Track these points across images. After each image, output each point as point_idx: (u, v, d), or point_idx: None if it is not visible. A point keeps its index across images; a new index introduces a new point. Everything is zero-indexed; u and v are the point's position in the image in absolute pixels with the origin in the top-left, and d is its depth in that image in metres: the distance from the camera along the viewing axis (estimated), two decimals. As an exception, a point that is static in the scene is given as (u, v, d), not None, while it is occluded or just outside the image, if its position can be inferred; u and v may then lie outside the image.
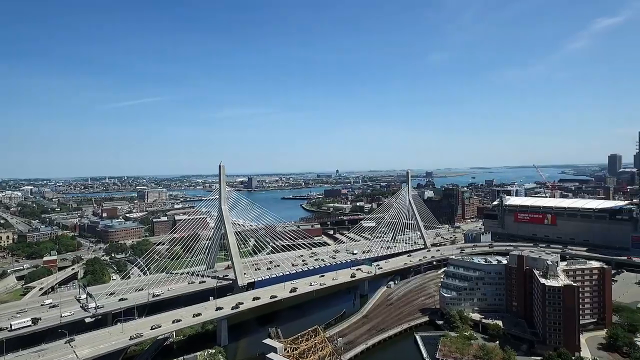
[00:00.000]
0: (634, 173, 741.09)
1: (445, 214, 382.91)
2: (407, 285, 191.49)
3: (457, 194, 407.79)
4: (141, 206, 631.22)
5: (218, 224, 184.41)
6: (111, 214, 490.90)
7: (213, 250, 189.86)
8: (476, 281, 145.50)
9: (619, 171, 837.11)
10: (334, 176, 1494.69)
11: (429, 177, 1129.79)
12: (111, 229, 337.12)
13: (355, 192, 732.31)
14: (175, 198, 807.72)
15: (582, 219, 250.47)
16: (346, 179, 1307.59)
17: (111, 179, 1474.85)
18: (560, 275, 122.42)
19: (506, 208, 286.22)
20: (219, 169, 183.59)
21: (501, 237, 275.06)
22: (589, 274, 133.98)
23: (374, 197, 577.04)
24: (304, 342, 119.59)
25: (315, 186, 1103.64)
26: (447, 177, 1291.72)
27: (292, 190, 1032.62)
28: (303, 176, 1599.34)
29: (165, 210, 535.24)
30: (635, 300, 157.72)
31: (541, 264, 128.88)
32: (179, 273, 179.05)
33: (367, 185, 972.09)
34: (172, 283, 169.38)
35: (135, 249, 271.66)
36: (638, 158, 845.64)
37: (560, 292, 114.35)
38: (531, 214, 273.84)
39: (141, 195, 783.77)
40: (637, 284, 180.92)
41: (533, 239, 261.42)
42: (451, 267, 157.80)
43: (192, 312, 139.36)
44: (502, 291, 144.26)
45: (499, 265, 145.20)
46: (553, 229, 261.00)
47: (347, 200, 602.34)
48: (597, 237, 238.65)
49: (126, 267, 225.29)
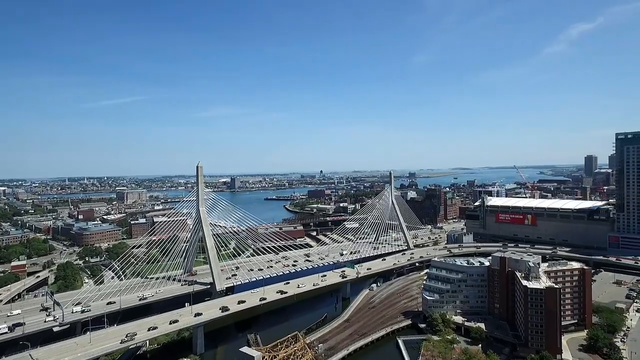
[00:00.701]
0: (609, 173, 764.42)
1: (428, 215, 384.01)
2: (390, 287, 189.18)
3: (439, 195, 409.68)
4: (120, 208, 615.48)
5: (196, 226, 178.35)
6: (88, 215, 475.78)
7: (191, 253, 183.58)
8: (458, 283, 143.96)
9: (595, 172, 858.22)
10: (318, 177, 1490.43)
11: (412, 178, 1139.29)
12: (86, 232, 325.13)
13: (339, 192, 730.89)
14: (156, 199, 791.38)
15: (562, 220, 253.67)
16: (330, 179, 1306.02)
17: (90, 179, 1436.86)
18: (542, 277, 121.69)
19: (488, 209, 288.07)
20: (197, 170, 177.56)
21: (483, 237, 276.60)
22: (570, 275, 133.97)
23: (357, 197, 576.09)
24: (283, 350, 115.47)
25: (299, 187, 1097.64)
26: (429, 177, 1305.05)
27: (276, 191, 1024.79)
28: (287, 177, 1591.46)
29: (145, 212, 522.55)
30: (614, 300, 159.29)
31: (523, 266, 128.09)
32: (154, 278, 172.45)
33: (351, 185, 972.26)
34: (147, 288, 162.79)
35: (111, 253, 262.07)
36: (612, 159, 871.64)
37: (542, 294, 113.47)
38: (512, 215, 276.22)
39: (120, 197, 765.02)
40: (615, 284, 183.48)
41: (514, 239, 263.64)
42: (434, 269, 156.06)
43: (168, 319, 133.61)
44: (484, 293, 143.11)
45: (481, 267, 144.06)
46: (533, 229, 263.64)
47: (331, 201, 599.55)
48: (576, 237, 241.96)
49: (101, 272, 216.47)
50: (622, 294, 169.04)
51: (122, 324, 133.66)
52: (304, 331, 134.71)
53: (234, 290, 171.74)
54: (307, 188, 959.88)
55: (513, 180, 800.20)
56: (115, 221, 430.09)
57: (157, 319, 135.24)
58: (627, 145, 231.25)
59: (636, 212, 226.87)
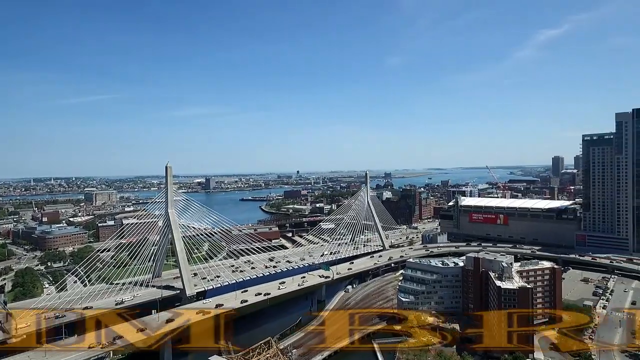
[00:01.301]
0: (575, 174, 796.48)
1: (404, 215, 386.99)
2: (366, 289, 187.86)
3: (414, 195, 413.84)
4: (88, 209, 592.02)
5: (165, 229, 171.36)
6: (53, 218, 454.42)
7: (160, 257, 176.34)
8: (433, 284, 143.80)
9: (562, 172, 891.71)
10: (295, 177, 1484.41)
11: (388, 178, 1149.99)
12: (49, 235, 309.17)
13: (316, 193, 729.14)
14: (127, 200, 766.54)
15: (532, 219, 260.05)
16: (307, 179, 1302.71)
17: (57, 180, 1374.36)
18: (515, 277, 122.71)
19: (461, 209, 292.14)
20: (166, 170, 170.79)
21: (457, 237, 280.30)
22: (541, 275, 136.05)
23: (333, 197, 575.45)
24: (255, 357, 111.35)
25: (276, 187, 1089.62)
26: (405, 177, 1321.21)
27: (252, 192, 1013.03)
28: (263, 177, 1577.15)
29: (115, 214, 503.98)
30: (582, 298, 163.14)
31: (497, 266, 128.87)
32: (120, 283, 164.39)
33: (327, 186, 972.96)
34: (111, 295, 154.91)
35: (76, 257, 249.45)
36: (578, 160, 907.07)
37: (515, 294, 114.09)
38: (485, 214, 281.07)
39: (89, 198, 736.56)
40: (582, 281, 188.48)
41: (487, 238, 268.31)
42: (409, 271, 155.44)
43: (136, 328, 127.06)
44: (459, 294, 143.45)
45: (455, 268, 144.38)
46: (505, 229, 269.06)
47: (307, 201, 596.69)
48: (545, 236, 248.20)
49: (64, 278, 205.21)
50: (589, 291, 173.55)
51: (86, 334, 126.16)
52: (277, 336, 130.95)
53: (206, 295, 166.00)
54: (283, 188, 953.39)
55: (485, 180, 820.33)
56: (82, 223, 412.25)
57: (123, 327, 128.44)
58: (593, 147, 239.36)
59: (601, 211, 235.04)
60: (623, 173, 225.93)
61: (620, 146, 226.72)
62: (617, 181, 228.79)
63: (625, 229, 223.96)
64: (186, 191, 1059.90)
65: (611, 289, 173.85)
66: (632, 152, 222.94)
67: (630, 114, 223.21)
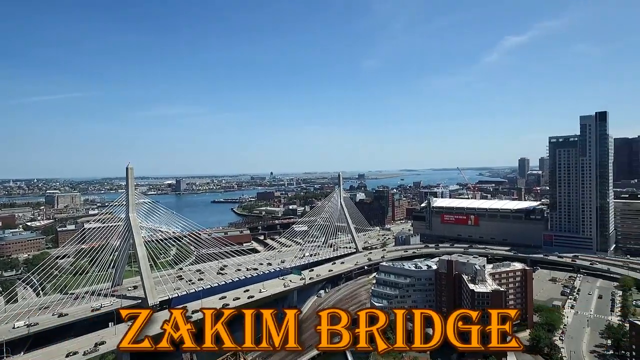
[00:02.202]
0: (540, 175, 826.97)
1: (377, 216, 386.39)
2: (338, 293, 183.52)
3: (387, 196, 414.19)
4: (48, 213, 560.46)
5: (126, 234, 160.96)
6: (8, 222, 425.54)
7: (120, 264, 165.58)
8: (407, 288, 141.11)
9: (528, 173, 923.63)
10: (269, 178, 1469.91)
11: (362, 179, 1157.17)
12: (1, 242, 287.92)
13: (289, 194, 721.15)
14: (91, 203, 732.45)
15: (502, 219, 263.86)
16: (280, 181, 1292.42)
17: (16, 182, 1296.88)
18: (488, 280, 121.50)
19: (433, 210, 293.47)
20: (127, 172, 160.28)
21: (429, 238, 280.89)
22: (513, 276, 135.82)
23: (307, 199, 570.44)
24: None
25: (249, 189, 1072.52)
26: (378, 179, 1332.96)
27: (224, 193, 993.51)
28: (236, 178, 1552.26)
29: (77, 217, 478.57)
30: (551, 298, 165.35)
31: (470, 269, 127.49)
32: (79, 292, 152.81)
33: (301, 187, 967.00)
34: (67, 306, 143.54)
35: (31, 265, 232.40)
36: (542, 161, 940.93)
37: (489, 298, 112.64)
38: (456, 216, 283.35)
39: (50, 201, 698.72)
40: (550, 281, 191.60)
41: (458, 239, 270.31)
42: (382, 274, 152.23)
43: (93, 342, 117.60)
44: (432, 297, 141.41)
45: (429, 271, 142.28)
46: (476, 230, 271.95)
47: (280, 203, 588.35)
48: (515, 236, 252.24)
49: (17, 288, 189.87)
50: (557, 291, 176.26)
51: (34, 351, 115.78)
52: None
53: (171, 304, 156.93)
54: (256, 190, 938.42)
55: (455, 181, 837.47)
56: (40, 228, 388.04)
57: (77, 342, 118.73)
58: (559, 149, 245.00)
59: (566, 212, 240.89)
60: (587, 174, 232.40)
61: (584, 148, 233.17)
62: (581, 182, 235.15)
63: (590, 228, 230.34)
64: (155, 193, 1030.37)
65: (578, 288, 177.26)
66: (595, 154, 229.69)
67: (594, 117, 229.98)
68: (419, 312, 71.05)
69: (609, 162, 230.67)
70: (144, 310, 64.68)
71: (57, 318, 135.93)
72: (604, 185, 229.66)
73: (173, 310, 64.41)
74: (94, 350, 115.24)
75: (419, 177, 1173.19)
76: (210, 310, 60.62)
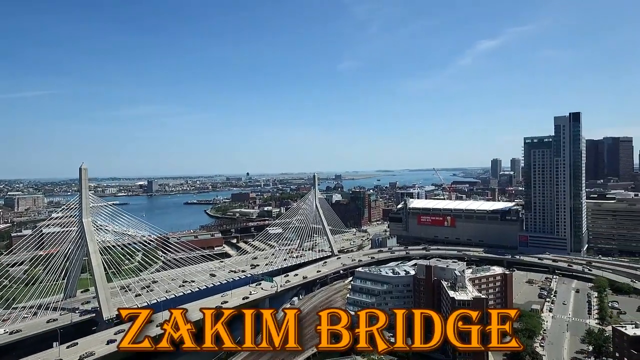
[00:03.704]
0: (511, 175, 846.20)
1: (353, 217, 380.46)
2: (313, 300, 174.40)
3: (364, 197, 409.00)
4: (6, 216, 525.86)
5: (78, 240, 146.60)
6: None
7: (73, 273, 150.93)
8: (384, 296, 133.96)
9: (500, 174, 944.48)
10: (244, 179, 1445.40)
11: (338, 180, 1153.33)
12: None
13: (265, 195, 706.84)
14: (56, 205, 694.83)
15: (478, 221, 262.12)
16: (257, 182, 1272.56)
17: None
18: (468, 286, 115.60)
19: (410, 211, 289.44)
20: (80, 173, 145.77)
21: (406, 239, 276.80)
22: (493, 281, 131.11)
23: (283, 200, 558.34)
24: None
25: (224, 190, 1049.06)
26: (355, 179, 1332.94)
27: (198, 195, 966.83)
28: (212, 179, 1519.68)
29: (37, 221, 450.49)
30: (529, 301, 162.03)
31: (449, 274, 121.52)
32: (26, 306, 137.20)
33: (277, 188, 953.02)
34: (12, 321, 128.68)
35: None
36: (514, 162, 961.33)
37: (469, 306, 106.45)
38: (433, 217, 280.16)
39: (9, 203, 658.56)
40: (528, 283, 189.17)
41: (435, 240, 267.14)
42: (358, 281, 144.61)
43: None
44: (411, 304, 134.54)
45: (406, 277, 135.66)
46: (452, 231, 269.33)
47: (255, 204, 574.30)
48: (491, 238, 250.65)
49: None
50: (535, 293, 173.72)
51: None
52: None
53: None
54: (232, 191, 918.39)
55: (430, 182, 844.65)
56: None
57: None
58: (534, 149, 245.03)
59: (541, 212, 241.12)
60: (561, 175, 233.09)
61: (558, 149, 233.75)
62: (555, 183, 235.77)
63: (564, 229, 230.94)
64: (126, 194, 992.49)
65: (554, 289, 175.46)
66: (569, 155, 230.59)
67: (568, 118, 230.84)
68: (419, 312, 75.20)
69: (582, 163, 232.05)
70: (144, 310, 63.10)
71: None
72: (578, 186, 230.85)
73: (173, 310, 63.14)
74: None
75: (395, 178, 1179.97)
76: (210, 310, 60.85)
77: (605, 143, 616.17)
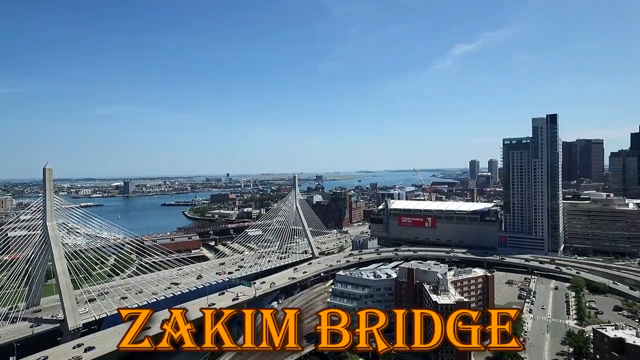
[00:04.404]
0: (489, 176, 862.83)
1: (334, 218, 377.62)
2: (293, 304, 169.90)
3: (344, 198, 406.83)
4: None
5: (42, 245, 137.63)
6: None
7: (36, 280, 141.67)
8: (365, 300, 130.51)
9: (478, 175, 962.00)
10: (224, 180, 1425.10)
11: (320, 181, 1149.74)
12: None
13: (245, 196, 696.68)
14: (25, 207, 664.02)
15: (458, 221, 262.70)
16: (237, 182, 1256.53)
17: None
18: (450, 289, 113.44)
19: (391, 212, 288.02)
20: (44, 174, 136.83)
21: (387, 241, 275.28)
22: (475, 283, 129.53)
23: (263, 201, 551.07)
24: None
25: (203, 191, 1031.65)
26: (336, 180, 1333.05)
27: (176, 196, 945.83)
28: (191, 180, 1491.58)
29: (3, 223, 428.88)
30: (509, 302, 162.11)
31: (431, 277, 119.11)
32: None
33: (257, 189, 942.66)
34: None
35: None
36: (491, 163, 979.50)
37: (452, 310, 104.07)
38: (414, 218, 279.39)
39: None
40: (507, 283, 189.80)
41: (416, 242, 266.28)
42: (338, 285, 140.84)
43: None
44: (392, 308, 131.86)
45: (388, 280, 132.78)
46: (433, 232, 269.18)
47: (235, 205, 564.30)
48: (471, 238, 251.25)
49: None
50: (514, 294, 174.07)
51: None
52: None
53: (101, 326, 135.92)
54: (211, 192, 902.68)
55: (411, 182, 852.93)
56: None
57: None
58: (512, 151, 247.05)
59: (520, 213, 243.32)
60: (539, 176, 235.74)
61: (536, 150, 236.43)
62: (533, 184, 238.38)
63: (542, 229, 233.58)
64: (101, 195, 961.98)
65: (533, 290, 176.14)
66: (547, 156, 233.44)
67: (545, 120, 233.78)
68: (419, 311, 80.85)
69: (559, 164, 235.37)
70: (145, 310, 61.83)
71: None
72: (555, 187, 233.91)
73: (173, 310, 62.72)
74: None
75: (376, 179, 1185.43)
76: (210, 310, 61.02)
77: (578, 145, 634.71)
